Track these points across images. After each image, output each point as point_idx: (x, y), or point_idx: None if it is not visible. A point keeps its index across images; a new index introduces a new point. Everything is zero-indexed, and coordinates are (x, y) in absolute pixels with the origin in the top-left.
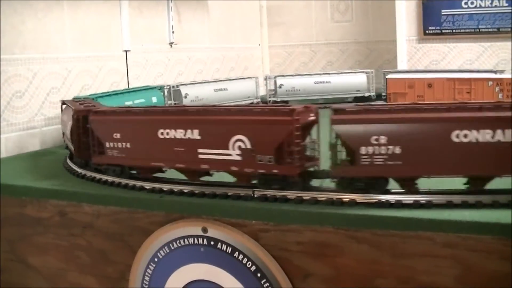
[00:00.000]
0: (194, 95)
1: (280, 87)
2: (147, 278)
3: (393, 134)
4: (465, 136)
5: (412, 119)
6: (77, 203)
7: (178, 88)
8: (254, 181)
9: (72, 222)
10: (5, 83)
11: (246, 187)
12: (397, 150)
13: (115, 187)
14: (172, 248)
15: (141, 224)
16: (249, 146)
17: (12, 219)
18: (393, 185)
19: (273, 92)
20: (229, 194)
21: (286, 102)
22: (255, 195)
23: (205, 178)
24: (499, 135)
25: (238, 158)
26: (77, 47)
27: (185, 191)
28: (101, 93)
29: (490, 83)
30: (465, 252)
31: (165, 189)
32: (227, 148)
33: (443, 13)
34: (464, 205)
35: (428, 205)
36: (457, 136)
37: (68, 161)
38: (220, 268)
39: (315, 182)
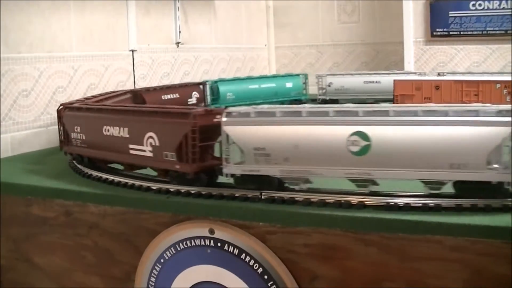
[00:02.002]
0: (339, 84)
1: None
2: (153, 279)
3: (82, 126)
4: (108, 130)
5: (86, 117)
6: (83, 203)
7: (325, 76)
8: None
9: (78, 222)
10: (12, 82)
11: None
12: (84, 137)
13: (122, 187)
14: (179, 249)
15: (147, 225)
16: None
17: (17, 218)
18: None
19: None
20: (236, 195)
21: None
22: (263, 197)
23: None
24: (122, 132)
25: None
26: (83, 46)
27: (192, 192)
28: (246, 77)
29: (498, 85)
30: (474, 256)
31: (171, 189)
32: None
33: (450, 15)
34: (474, 209)
35: (437, 208)
36: (106, 130)
37: (74, 160)
38: (226, 269)
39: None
